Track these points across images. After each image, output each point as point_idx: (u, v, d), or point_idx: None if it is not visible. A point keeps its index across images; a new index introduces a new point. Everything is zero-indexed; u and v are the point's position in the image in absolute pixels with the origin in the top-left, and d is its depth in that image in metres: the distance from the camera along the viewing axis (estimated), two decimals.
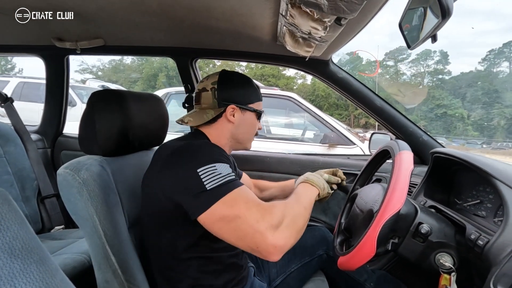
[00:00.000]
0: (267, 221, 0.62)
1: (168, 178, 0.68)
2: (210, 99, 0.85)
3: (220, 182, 0.65)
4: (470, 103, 26.54)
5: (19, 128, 1.46)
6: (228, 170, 0.68)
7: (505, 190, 0.67)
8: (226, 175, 0.67)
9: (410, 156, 0.71)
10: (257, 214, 0.63)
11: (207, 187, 0.63)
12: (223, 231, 0.64)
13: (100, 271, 0.73)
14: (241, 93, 0.87)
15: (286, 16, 0.72)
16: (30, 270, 0.39)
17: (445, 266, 0.69)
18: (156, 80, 28.58)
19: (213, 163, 0.67)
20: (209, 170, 0.65)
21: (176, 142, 0.78)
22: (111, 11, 0.92)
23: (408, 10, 0.61)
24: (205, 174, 0.65)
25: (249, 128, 0.90)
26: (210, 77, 0.88)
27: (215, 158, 0.69)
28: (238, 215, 0.62)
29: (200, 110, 0.87)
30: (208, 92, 0.86)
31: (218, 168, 0.66)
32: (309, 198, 0.80)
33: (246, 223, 0.62)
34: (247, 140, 0.92)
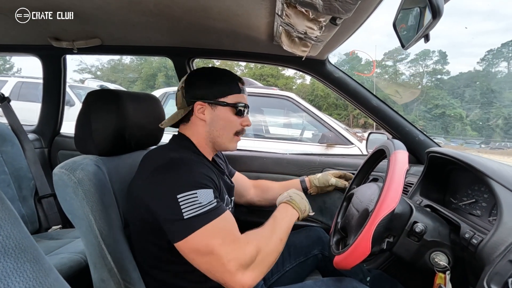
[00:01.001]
0: (239, 260, 0.63)
1: (150, 196, 0.68)
2: (180, 98, 0.84)
3: (198, 212, 0.63)
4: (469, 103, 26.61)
5: (16, 127, 1.46)
6: (209, 197, 0.67)
7: (499, 190, 0.67)
8: (207, 204, 0.65)
9: (405, 156, 0.71)
10: (231, 253, 0.63)
11: (184, 216, 0.63)
12: (195, 262, 0.65)
13: (96, 270, 0.74)
14: (208, 87, 0.83)
15: (282, 16, 0.72)
16: (24, 269, 0.39)
17: (440, 265, 0.69)
18: (155, 80, 28.56)
19: (194, 190, 0.65)
20: (189, 198, 0.64)
21: (160, 154, 0.76)
22: (108, 10, 0.92)
23: (401, 10, 0.61)
24: (185, 201, 0.63)
25: (224, 124, 0.84)
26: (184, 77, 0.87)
27: (197, 182, 0.67)
28: (211, 251, 0.63)
29: (176, 111, 0.87)
30: (179, 92, 0.85)
31: (198, 196, 0.65)
32: (288, 225, 0.80)
33: (218, 261, 0.62)
34: (225, 139, 0.85)
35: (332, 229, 0.96)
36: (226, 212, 0.69)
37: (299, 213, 0.85)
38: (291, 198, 0.88)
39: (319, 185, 1.18)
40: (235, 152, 1.44)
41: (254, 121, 3.19)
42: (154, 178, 0.69)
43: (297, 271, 1.04)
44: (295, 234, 1.11)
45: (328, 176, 1.18)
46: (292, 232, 1.12)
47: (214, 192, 0.69)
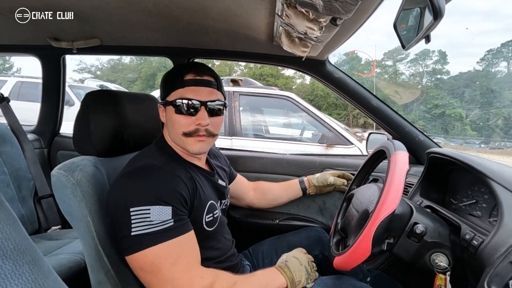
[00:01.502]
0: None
1: (110, 203, 0.67)
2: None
3: (147, 230, 0.61)
4: (468, 103, 26.63)
5: (15, 128, 1.46)
6: (164, 216, 0.62)
7: (499, 191, 0.67)
8: (159, 223, 0.61)
9: (405, 157, 0.71)
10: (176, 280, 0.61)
11: (131, 232, 0.60)
12: (139, 276, 0.64)
13: (93, 272, 0.73)
14: (161, 87, 0.81)
15: (282, 16, 0.72)
16: (22, 271, 0.39)
17: (440, 266, 0.69)
18: (155, 80, 28.53)
19: (148, 205, 0.62)
20: (141, 214, 0.61)
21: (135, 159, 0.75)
22: (107, 10, 0.92)
23: (402, 11, 0.61)
24: (136, 216, 0.61)
25: (171, 125, 0.77)
26: None
27: (154, 197, 0.63)
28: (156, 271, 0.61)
29: None
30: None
31: (151, 213, 0.61)
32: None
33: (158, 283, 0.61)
34: (179, 141, 0.77)
35: (332, 230, 0.96)
36: (186, 234, 0.66)
37: (288, 283, 0.74)
38: (286, 264, 0.79)
39: (317, 185, 1.18)
40: (235, 153, 1.43)
41: (254, 121, 3.19)
42: (117, 185, 0.68)
43: None
44: (294, 234, 1.11)
45: (327, 176, 1.17)
46: (292, 232, 1.12)
47: (174, 210, 0.65)
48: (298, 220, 1.31)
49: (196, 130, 0.75)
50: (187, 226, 0.67)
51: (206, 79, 0.76)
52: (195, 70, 0.76)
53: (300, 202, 1.31)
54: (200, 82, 0.75)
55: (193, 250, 0.67)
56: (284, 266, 0.79)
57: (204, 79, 0.76)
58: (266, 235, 1.14)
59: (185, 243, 0.65)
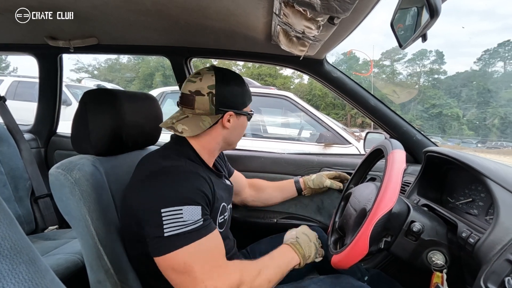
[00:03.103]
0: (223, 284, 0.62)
1: (137, 205, 0.67)
2: (207, 105, 0.77)
3: (180, 230, 0.61)
4: (465, 103, 26.78)
5: (12, 127, 1.45)
6: (196, 215, 0.64)
7: (496, 189, 0.67)
8: (191, 223, 0.63)
9: (402, 155, 0.72)
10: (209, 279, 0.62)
11: (164, 233, 0.61)
12: (169, 277, 0.64)
13: (92, 272, 0.73)
14: (238, 97, 0.82)
15: (279, 16, 0.72)
16: (19, 270, 0.38)
17: (437, 264, 0.70)
18: (153, 79, 28.46)
19: (180, 206, 0.62)
20: (173, 214, 0.62)
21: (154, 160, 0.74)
22: (105, 9, 0.91)
23: (399, 10, 0.61)
24: (168, 217, 0.61)
25: (241, 131, 0.87)
26: (204, 77, 0.78)
27: (185, 198, 0.64)
28: (188, 272, 0.61)
29: (193, 116, 0.78)
30: (204, 97, 0.76)
31: (184, 213, 0.62)
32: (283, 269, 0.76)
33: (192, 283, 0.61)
34: (237, 141, 0.89)
35: (330, 229, 0.96)
36: (213, 233, 0.67)
37: (300, 259, 0.80)
38: (297, 241, 0.84)
39: (313, 187, 1.18)
40: (234, 152, 1.43)
41: (252, 121, 3.18)
42: (142, 187, 0.68)
43: (293, 270, 1.04)
44: None
45: (323, 178, 1.18)
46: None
47: (203, 209, 0.66)
48: (296, 219, 1.31)
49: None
50: (212, 224, 0.69)
51: None
52: None
53: (298, 201, 1.32)
54: None
55: (221, 247, 0.69)
56: (296, 243, 0.83)
57: None
58: (264, 234, 1.14)
59: (213, 241, 0.67)
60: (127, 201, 0.72)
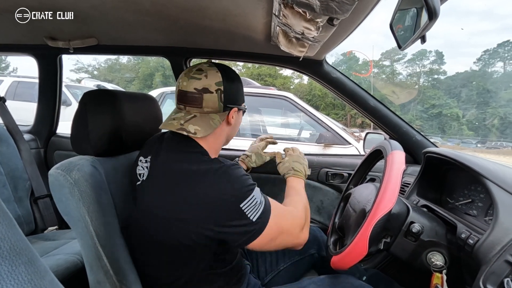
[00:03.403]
0: (299, 224, 0.76)
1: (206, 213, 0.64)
2: (215, 102, 0.74)
3: (261, 210, 0.67)
4: (465, 103, 26.79)
5: (11, 128, 1.45)
6: (259, 192, 0.70)
7: (495, 190, 0.67)
8: (262, 200, 0.69)
9: (402, 156, 0.72)
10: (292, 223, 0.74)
11: (252, 220, 0.65)
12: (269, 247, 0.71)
13: (92, 272, 0.73)
14: (240, 92, 0.82)
15: (279, 16, 0.72)
16: (19, 271, 0.38)
17: (437, 264, 0.70)
18: (153, 80, 28.46)
19: (251, 193, 0.67)
20: (250, 203, 0.66)
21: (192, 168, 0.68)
22: (104, 10, 0.91)
23: (398, 11, 0.61)
24: (248, 207, 0.65)
25: (239, 126, 0.88)
26: (209, 74, 0.75)
27: (249, 186, 0.68)
28: (281, 232, 0.71)
29: (202, 115, 0.74)
30: (212, 95, 0.74)
31: (256, 197, 0.67)
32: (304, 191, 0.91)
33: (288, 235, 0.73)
34: (233, 137, 0.89)
35: (330, 229, 0.96)
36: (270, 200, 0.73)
37: (304, 179, 0.97)
38: (294, 170, 0.97)
39: (257, 166, 1.18)
40: (233, 152, 1.43)
41: (252, 121, 3.19)
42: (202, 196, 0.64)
43: (292, 270, 1.04)
44: None
45: (262, 156, 1.17)
46: None
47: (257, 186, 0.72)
48: None
49: None
50: None
51: None
52: None
53: None
54: None
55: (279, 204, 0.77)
56: (294, 172, 0.97)
57: None
58: None
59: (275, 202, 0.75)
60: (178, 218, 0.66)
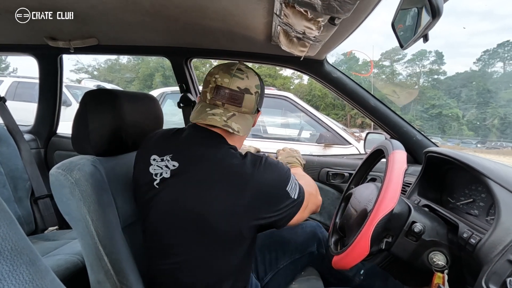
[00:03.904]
0: (315, 187, 0.88)
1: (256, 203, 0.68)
2: (253, 103, 0.77)
3: (298, 186, 0.76)
4: (465, 103, 26.80)
5: (11, 128, 1.45)
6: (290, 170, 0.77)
7: (496, 189, 0.67)
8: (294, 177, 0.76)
9: (403, 156, 0.71)
10: (312, 186, 0.87)
11: (295, 198, 0.73)
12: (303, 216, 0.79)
13: (92, 272, 0.73)
14: (260, 98, 0.82)
15: (280, 16, 0.72)
16: (20, 271, 0.38)
17: (438, 264, 0.69)
18: (153, 80, 28.45)
19: (290, 176, 0.74)
20: (292, 184, 0.73)
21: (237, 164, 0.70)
22: (104, 10, 0.91)
23: (400, 10, 0.61)
24: (290, 188, 0.73)
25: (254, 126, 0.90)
26: (249, 75, 0.77)
27: (287, 169, 0.75)
28: (309, 197, 0.79)
29: (239, 114, 0.75)
30: (252, 96, 0.76)
31: (292, 177, 0.75)
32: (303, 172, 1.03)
33: (313, 199, 0.83)
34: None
35: (331, 229, 0.96)
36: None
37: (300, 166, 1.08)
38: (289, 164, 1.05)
39: None
40: None
41: None
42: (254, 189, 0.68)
43: (291, 268, 1.04)
44: (289, 230, 1.09)
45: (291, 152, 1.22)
46: (286, 228, 1.12)
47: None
48: None
49: None
50: None
51: None
52: None
53: None
54: None
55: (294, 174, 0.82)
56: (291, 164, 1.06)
57: None
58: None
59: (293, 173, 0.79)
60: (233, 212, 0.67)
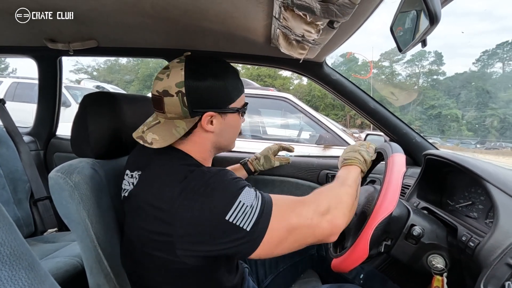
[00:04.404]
0: (317, 212, 0.60)
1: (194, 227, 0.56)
2: (178, 107, 0.64)
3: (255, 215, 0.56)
4: (464, 104, 26.83)
5: (11, 129, 1.45)
6: (252, 194, 0.59)
7: (495, 193, 0.67)
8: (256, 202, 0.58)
9: (402, 159, 0.71)
10: (308, 212, 0.60)
11: (246, 229, 0.55)
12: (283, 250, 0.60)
13: (92, 275, 0.73)
14: (220, 92, 0.67)
15: (279, 19, 0.72)
16: (19, 276, 0.38)
17: (437, 267, 0.70)
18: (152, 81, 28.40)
19: (235, 200, 0.56)
20: (238, 211, 0.55)
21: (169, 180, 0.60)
22: (104, 12, 0.91)
23: (399, 14, 0.61)
24: (235, 217, 0.55)
25: (233, 131, 0.74)
26: (172, 72, 0.64)
27: (232, 192, 0.57)
28: (292, 229, 0.58)
29: (166, 121, 0.67)
30: (173, 98, 0.63)
31: (244, 202, 0.57)
32: (353, 177, 0.72)
33: (304, 230, 0.59)
34: (231, 143, 0.77)
35: None
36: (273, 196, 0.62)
37: (359, 166, 0.76)
38: (344, 159, 0.79)
39: (264, 169, 1.16)
40: (231, 154, 1.43)
41: (252, 122, 3.19)
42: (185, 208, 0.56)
43: (292, 271, 1.04)
44: None
45: (272, 160, 1.15)
46: None
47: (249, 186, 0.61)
48: None
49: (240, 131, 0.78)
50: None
51: None
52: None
53: None
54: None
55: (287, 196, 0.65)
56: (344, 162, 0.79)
57: None
58: None
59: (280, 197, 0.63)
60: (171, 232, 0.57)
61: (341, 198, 0.65)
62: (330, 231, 0.61)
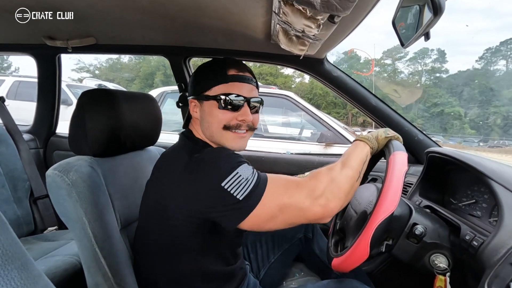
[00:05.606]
0: (311, 196, 0.62)
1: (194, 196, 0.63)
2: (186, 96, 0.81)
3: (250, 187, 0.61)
4: (467, 102, 26.67)
5: (10, 128, 1.44)
6: (249, 169, 0.64)
7: (500, 191, 0.66)
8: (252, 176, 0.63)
9: (404, 157, 0.70)
10: (301, 194, 0.62)
11: (238, 198, 0.60)
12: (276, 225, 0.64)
13: (90, 274, 0.72)
14: (196, 82, 0.77)
15: (279, 14, 0.71)
16: (11, 276, 0.38)
17: (440, 267, 0.68)
18: (153, 79, 28.46)
19: (234, 170, 0.62)
20: (234, 180, 0.61)
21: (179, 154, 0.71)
22: (102, 9, 0.90)
23: (400, 8, 0.60)
24: (231, 185, 0.60)
25: (211, 120, 0.74)
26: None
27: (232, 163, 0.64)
28: (283, 207, 0.62)
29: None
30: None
31: (241, 173, 0.62)
32: (358, 157, 0.71)
33: (295, 211, 0.62)
34: (218, 137, 0.75)
35: (331, 230, 0.95)
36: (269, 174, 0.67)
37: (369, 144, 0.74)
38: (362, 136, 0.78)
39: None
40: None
41: None
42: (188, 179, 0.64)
43: (283, 260, 1.05)
44: None
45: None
46: None
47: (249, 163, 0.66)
48: None
49: (238, 125, 0.75)
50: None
51: (248, 76, 0.77)
52: (238, 66, 0.76)
53: None
54: (243, 78, 0.75)
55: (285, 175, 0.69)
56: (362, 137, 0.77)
57: (246, 76, 0.76)
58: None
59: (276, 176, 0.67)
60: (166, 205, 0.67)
61: (339, 182, 0.66)
62: (322, 214, 0.63)
